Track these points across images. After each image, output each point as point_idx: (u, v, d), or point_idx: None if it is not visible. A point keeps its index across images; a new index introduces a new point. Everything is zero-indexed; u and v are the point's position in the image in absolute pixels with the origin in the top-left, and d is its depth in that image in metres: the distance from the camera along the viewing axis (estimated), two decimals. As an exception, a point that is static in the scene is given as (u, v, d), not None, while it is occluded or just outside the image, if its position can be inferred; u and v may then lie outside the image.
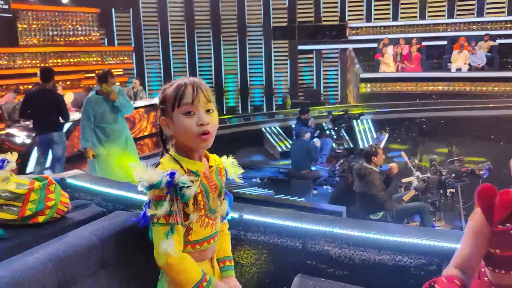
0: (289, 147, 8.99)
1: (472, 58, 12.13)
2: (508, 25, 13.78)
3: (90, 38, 13.60)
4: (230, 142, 8.66)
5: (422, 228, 4.13)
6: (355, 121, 10.06)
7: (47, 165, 6.16)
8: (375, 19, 15.46)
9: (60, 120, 5.87)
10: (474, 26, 14.14)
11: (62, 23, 12.82)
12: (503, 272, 1.18)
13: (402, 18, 15.26)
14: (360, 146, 9.39)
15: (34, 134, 6.35)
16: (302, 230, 2.02)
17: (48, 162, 6.10)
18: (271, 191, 6.79)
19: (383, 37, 13.90)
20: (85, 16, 13.37)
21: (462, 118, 9.58)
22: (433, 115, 10.37)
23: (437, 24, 14.56)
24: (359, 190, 5.19)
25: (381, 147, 6.22)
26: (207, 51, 16.03)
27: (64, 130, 7.28)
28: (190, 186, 1.30)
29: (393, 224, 2.22)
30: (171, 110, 1.37)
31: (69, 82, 12.18)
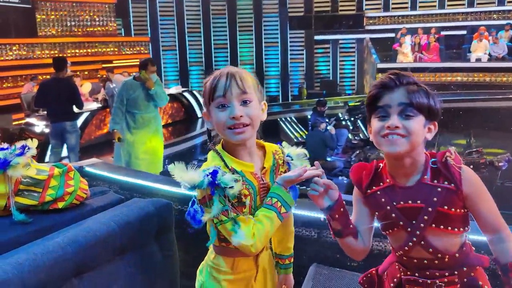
0: (304, 137, 8.96)
1: (493, 48, 11.87)
2: (531, 14, 13.45)
3: (107, 28, 13.71)
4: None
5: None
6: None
7: (63, 154, 6.25)
8: (392, 8, 15.22)
9: (74, 109, 5.94)
10: (495, 16, 13.82)
11: (80, 14, 12.94)
12: (388, 232, 1.34)
13: (420, 7, 14.99)
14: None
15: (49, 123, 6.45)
16: (318, 220, 2.02)
17: (64, 151, 6.18)
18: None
19: (401, 26, 13.69)
20: (102, 6, 13.46)
21: (481, 109, 9.40)
22: (451, 106, 10.19)
23: (456, 13, 14.26)
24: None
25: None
26: (223, 41, 16.00)
27: (78, 119, 7.40)
28: (233, 187, 1.23)
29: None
30: (208, 103, 1.34)
31: (86, 73, 12.32)
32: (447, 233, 1.26)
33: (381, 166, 1.36)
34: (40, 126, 7.33)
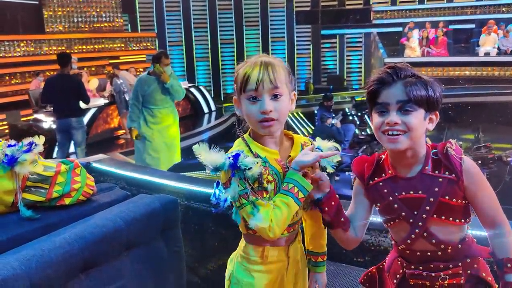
0: (311, 132, 8.94)
1: (503, 42, 11.74)
2: (541, 7, 13.27)
3: (113, 24, 13.74)
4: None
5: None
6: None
7: (71, 150, 6.27)
8: (400, 2, 15.08)
9: (80, 105, 5.94)
10: (504, 9, 13.63)
11: (87, 10, 12.98)
12: (389, 224, 1.34)
13: (428, 1, 14.85)
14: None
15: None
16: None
17: (72, 147, 6.20)
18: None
19: (409, 20, 13.57)
20: (108, 2, 13.49)
21: (490, 103, 9.31)
22: (459, 100, 10.11)
23: (465, 7, 14.10)
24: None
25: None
26: (229, 36, 15.97)
27: (86, 115, 7.43)
28: (251, 168, 1.25)
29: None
30: (239, 93, 1.35)
31: (93, 68, 12.37)
32: (449, 224, 1.27)
33: (382, 158, 1.37)
34: (48, 122, 7.37)
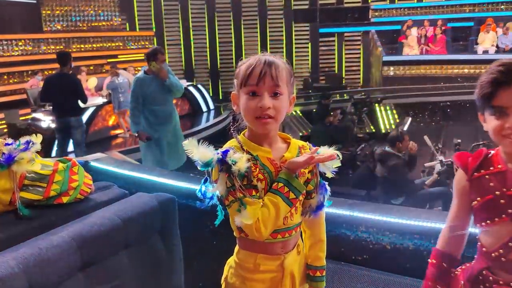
0: (309, 131, 8.94)
1: (502, 39, 11.75)
2: (539, 5, 13.27)
3: (112, 23, 13.72)
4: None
5: (444, 213, 4.07)
6: (377, 105, 9.93)
7: (69, 149, 6.26)
8: (399, 0, 15.08)
9: (79, 104, 5.93)
10: (503, 7, 13.64)
11: (85, 9, 12.95)
12: (489, 222, 1.21)
13: (427, -1, 14.86)
14: (382, 131, 9.27)
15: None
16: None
17: (71, 146, 6.20)
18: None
19: (407, 18, 13.58)
20: (106, 1, 13.46)
21: (489, 101, 9.32)
22: (458, 98, 10.13)
23: (463, 5, 14.09)
24: (381, 175, 5.14)
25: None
26: (227, 36, 15.96)
27: (84, 114, 7.42)
28: (237, 162, 1.22)
29: (415, 209, 2.19)
30: (239, 87, 1.33)
31: (92, 67, 12.34)
32: None
33: (492, 152, 1.26)
34: (46, 121, 7.36)
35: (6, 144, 1.63)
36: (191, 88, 10.83)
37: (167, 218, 1.86)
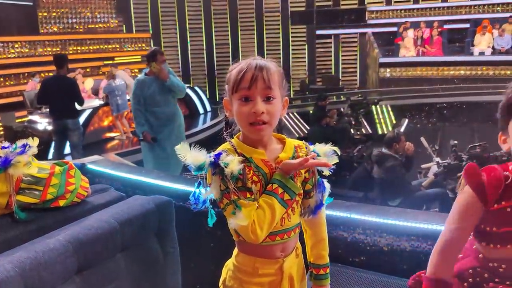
0: (306, 132, 8.95)
1: (497, 41, 11.80)
2: (534, 6, 13.34)
3: (108, 25, 13.70)
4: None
5: (441, 214, 4.08)
6: (373, 106, 9.96)
7: (66, 151, 6.25)
8: (395, 2, 15.13)
9: (76, 106, 5.93)
10: (499, 8, 13.70)
11: (81, 11, 12.94)
12: (499, 246, 1.16)
13: (423, 0, 14.89)
14: (379, 132, 9.29)
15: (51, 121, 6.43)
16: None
17: (67, 148, 6.18)
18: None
19: (404, 20, 13.61)
20: (103, 3, 13.45)
21: (485, 103, 9.36)
22: (454, 100, 10.17)
23: (459, 7, 14.15)
24: (378, 176, 5.15)
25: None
26: (224, 38, 15.96)
27: (81, 116, 7.40)
28: (229, 164, 1.21)
29: (412, 210, 2.19)
30: (231, 93, 1.31)
31: (88, 70, 12.32)
32: None
33: (510, 177, 1.16)
34: (43, 123, 7.35)
35: (3, 147, 1.62)
36: (188, 90, 10.82)
37: (164, 221, 1.86)
